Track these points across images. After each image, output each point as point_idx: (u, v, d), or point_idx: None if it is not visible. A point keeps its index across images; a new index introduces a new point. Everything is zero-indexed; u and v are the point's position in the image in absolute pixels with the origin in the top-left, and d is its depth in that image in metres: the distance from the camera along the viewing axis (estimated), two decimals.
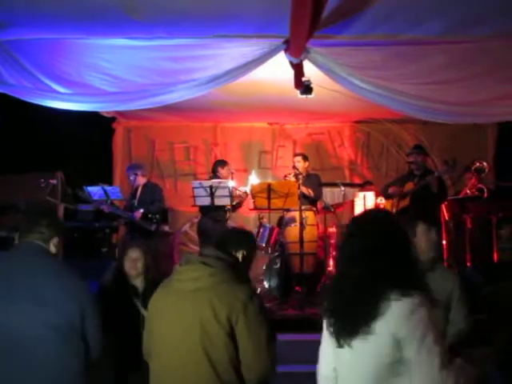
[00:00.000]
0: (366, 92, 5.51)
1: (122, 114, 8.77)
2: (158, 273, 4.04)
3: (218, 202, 6.97)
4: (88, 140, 8.51)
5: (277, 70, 6.02)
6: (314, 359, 2.41)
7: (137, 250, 4.12)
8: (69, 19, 5.06)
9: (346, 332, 2.07)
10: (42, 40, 5.59)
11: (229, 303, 2.53)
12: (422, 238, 3.45)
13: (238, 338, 2.53)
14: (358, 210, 7.71)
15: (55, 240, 3.04)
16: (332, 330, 2.14)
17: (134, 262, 4.07)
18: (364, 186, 8.24)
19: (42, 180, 7.04)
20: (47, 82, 5.83)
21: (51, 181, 7.09)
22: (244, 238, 3.13)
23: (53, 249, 3.03)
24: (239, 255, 2.97)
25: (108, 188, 7.24)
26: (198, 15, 4.90)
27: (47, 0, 4.69)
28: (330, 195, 8.32)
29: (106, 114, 8.54)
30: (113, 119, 9.14)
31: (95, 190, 7.11)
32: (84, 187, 7.09)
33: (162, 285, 2.78)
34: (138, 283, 4.09)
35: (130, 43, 5.55)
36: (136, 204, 7.30)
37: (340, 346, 2.11)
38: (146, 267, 4.07)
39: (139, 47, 5.59)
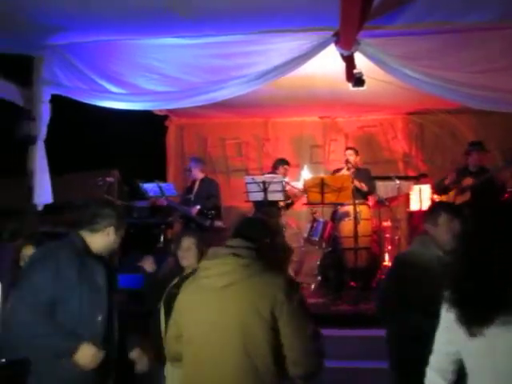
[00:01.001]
0: (419, 82, 5.39)
1: (174, 112, 8.89)
2: None
3: (271, 197, 6.96)
4: (142, 138, 8.67)
5: (327, 63, 5.96)
6: (366, 355, 2.37)
7: (189, 240, 4.05)
8: (120, 21, 5.18)
9: (481, 320, 1.91)
10: (95, 42, 5.74)
11: (270, 295, 2.41)
12: (443, 229, 3.35)
13: (283, 331, 2.41)
14: (414, 203, 7.56)
15: (111, 230, 3.13)
16: (462, 318, 1.97)
17: (186, 252, 4.00)
18: (419, 179, 8.07)
19: (100, 178, 7.20)
20: (101, 82, 5.98)
21: (108, 179, 7.25)
22: (266, 225, 2.92)
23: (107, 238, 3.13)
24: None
25: (163, 185, 7.35)
26: (245, 11, 4.91)
27: (99, 3, 4.79)
28: (383, 189, 8.18)
29: (158, 113, 8.67)
30: (165, 117, 9.27)
31: (150, 187, 7.24)
32: (140, 184, 7.23)
33: (187, 283, 2.67)
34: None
35: (180, 42, 5.62)
36: (193, 198, 7.39)
37: (472, 334, 1.94)
38: (198, 258, 3.97)
39: (189, 45, 5.65)
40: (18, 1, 4.67)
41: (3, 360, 2.01)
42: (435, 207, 3.69)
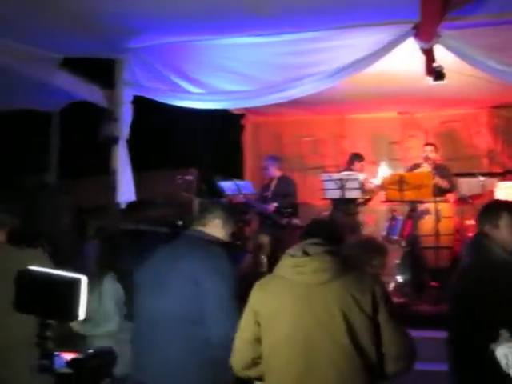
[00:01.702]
0: (506, 74, 5.16)
1: (250, 110, 8.95)
2: None
3: (348, 194, 6.89)
4: (220, 137, 8.79)
5: (406, 57, 5.81)
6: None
7: (264, 237, 4.11)
8: (197, 22, 5.26)
9: None
10: (173, 44, 5.87)
11: (369, 290, 2.39)
12: (505, 230, 3.08)
13: (384, 326, 2.38)
14: None
15: (220, 223, 3.22)
16: None
17: (262, 249, 4.06)
18: (505, 176, 7.73)
19: (179, 176, 7.35)
20: (180, 83, 6.11)
21: (187, 177, 7.38)
22: (334, 227, 2.97)
23: (218, 232, 3.22)
24: None
25: (240, 183, 7.43)
26: (322, 6, 4.87)
27: (176, 5, 4.89)
28: (466, 186, 7.88)
29: (235, 111, 8.76)
30: (242, 116, 9.35)
31: (228, 185, 7.33)
32: (218, 182, 7.33)
33: (265, 282, 2.59)
34: None
35: (256, 40, 5.64)
36: (269, 196, 7.43)
37: None
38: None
39: (265, 44, 5.67)
40: (100, 6, 4.84)
41: (91, 350, 2.09)
42: (495, 206, 3.34)
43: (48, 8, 4.76)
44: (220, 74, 6.04)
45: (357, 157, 7.67)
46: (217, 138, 8.70)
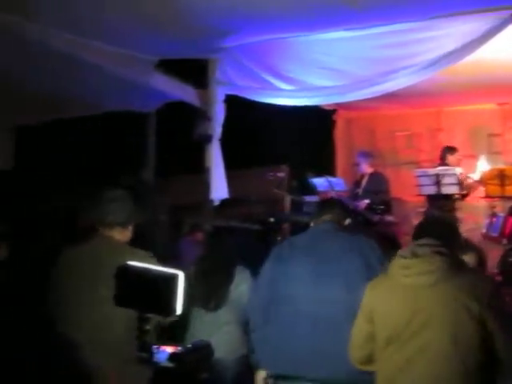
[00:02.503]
0: None
1: (342, 105, 8.85)
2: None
3: (445, 190, 6.66)
4: (311, 133, 8.75)
5: (505, 45, 5.52)
6: None
7: None
8: (288, 19, 5.25)
9: None
10: (264, 41, 5.89)
11: (480, 297, 2.32)
12: None
13: (493, 338, 2.30)
14: None
15: (347, 221, 3.31)
16: None
17: None
18: None
19: (271, 174, 7.40)
20: (271, 80, 6.14)
21: (278, 174, 7.42)
22: (447, 226, 2.86)
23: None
24: None
25: (332, 180, 7.37)
26: None
27: (266, 4, 4.91)
28: None
29: (326, 107, 8.69)
30: (333, 111, 9.26)
31: (320, 182, 7.30)
32: (309, 179, 7.32)
33: (377, 282, 2.61)
34: None
35: (348, 35, 5.56)
36: (361, 193, 7.32)
37: None
38: None
39: (357, 37, 5.57)
40: (194, 8, 4.94)
41: (190, 345, 2.13)
42: None
43: (143, 12, 4.91)
44: (312, 69, 6.01)
45: (448, 150, 7.39)
46: (308, 134, 8.66)
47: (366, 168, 7.47)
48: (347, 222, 3.29)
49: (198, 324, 3.74)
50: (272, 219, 7.07)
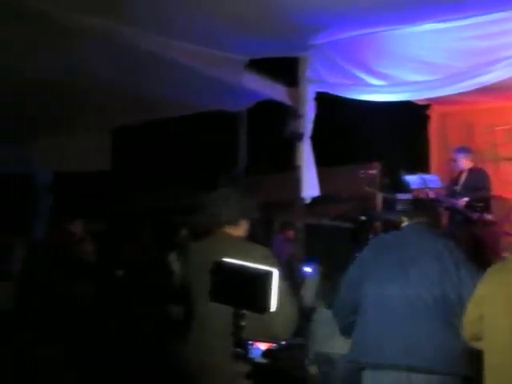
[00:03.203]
0: None
1: (436, 100, 8.54)
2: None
3: None
4: (403, 129, 8.54)
5: None
6: None
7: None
8: (377, 13, 5.16)
9: None
10: (354, 37, 5.82)
11: None
12: None
13: None
14: None
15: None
16: None
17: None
18: None
19: (362, 171, 7.30)
20: (362, 76, 6.05)
21: (370, 171, 7.30)
22: None
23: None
24: None
25: (426, 177, 7.15)
26: None
27: None
28: None
29: (419, 102, 8.43)
30: (426, 106, 8.97)
31: (413, 179, 7.10)
32: (402, 176, 7.14)
33: (496, 268, 2.74)
34: None
35: (440, 26, 5.39)
36: (459, 190, 7.03)
37: None
38: None
39: (450, 29, 5.38)
40: (284, 6, 4.95)
41: (283, 342, 2.15)
42: None
43: (234, 12, 4.98)
44: (404, 63, 5.86)
45: None
46: (400, 130, 8.46)
47: (465, 164, 7.15)
48: (436, 222, 3.39)
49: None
50: (363, 217, 6.97)
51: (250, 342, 2.15)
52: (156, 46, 5.25)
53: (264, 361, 2.11)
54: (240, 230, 3.18)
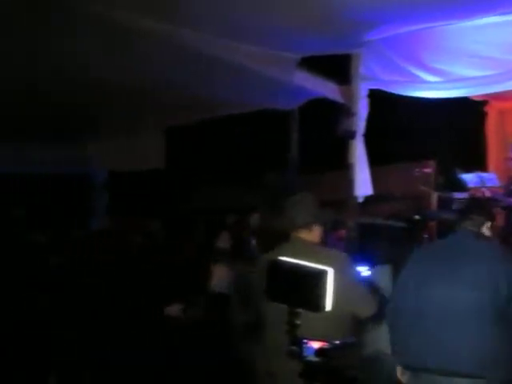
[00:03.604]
0: None
1: (494, 96, 8.30)
2: None
3: None
4: (458, 126, 8.34)
5: None
6: None
7: None
8: (433, 7, 5.05)
9: None
10: (409, 33, 5.71)
11: None
12: None
13: None
14: None
15: (488, 224, 3.22)
16: None
17: None
18: None
19: (417, 170, 7.18)
20: (417, 72, 5.94)
21: (425, 170, 7.17)
22: None
23: (486, 232, 3.22)
24: None
25: (484, 175, 6.97)
26: None
27: None
28: None
29: (476, 98, 8.22)
30: (484, 103, 8.73)
31: (470, 178, 6.94)
32: (458, 175, 6.98)
33: None
34: None
35: (500, 20, 5.23)
36: None
37: None
38: None
39: (509, 23, 5.21)
40: (336, 3, 4.92)
41: (337, 342, 2.14)
42: None
43: (286, 11, 4.97)
44: (460, 59, 5.73)
45: None
46: (456, 127, 8.26)
47: None
48: (488, 224, 3.24)
49: None
50: (417, 217, 6.84)
51: (305, 341, 2.15)
52: (210, 47, 5.31)
53: (316, 359, 2.11)
54: (313, 235, 3.22)
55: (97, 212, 9.88)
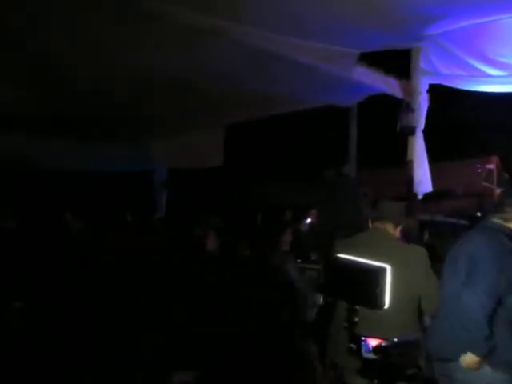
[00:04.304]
0: None
1: None
2: None
3: None
4: None
5: None
6: None
7: None
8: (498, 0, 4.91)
9: None
10: (471, 26, 5.56)
11: None
12: None
13: None
14: None
15: None
16: None
17: None
18: None
19: (479, 165, 7.01)
20: (479, 66, 5.80)
21: (488, 166, 6.99)
22: None
23: None
24: None
25: None
26: None
27: None
28: None
29: None
30: None
31: None
32: None
33: None
34: None
35: None
36: None
37: None
38: None
39: None
40: None
41: (396, 339, 2.15)
42: None
43: (346, 6, 4.94)
44: None
45: None
46: None
47: None
48: None
49: None
50: (480, 214, 6.68)
51: (363, 338, 2.17)
52: (269, 43, 5.32)
53: (374, 357, 2.13)
54: (395, 229, 3.42)
55: (157, 208, 10.10)
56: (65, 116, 7.26)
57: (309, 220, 6.79)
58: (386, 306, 2.10)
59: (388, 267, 2.09)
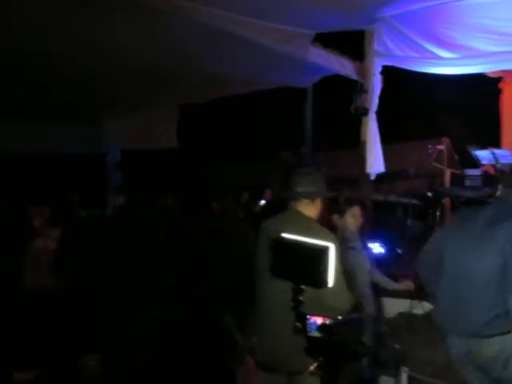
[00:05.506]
0: None
1: (509, 72, 8.17)
2: None
3: None
4: (473, 103, 8.23)
5: None
6: None
7: None
8: None
9: None
10: (424, 8, 5.62)
11: None
12: None
13: None
14: None
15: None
16: None
17: None
18: None
19: (429, 146, 7.12)
20: (432, 49, 5.87)
21: (438, 147, 7.12)
22: None
23: None
24: None
25: (497, 151, 6.90)
26: None
27: None
28: None
29: (491, 75, 8.09)
30: (498, 79, 8.59)
31: (484, 154, 6.87)
32: (472, 152, 6.92)
33: None
34: None
35: None
36: None
37: None
38: None
39: None
40: None
41: (340, 317, 2.17)
42: None
43: None
44: (477, 35, 5.63)
45: None
46: (470, 104, 8.16)
47: None
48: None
49: None
50: (431, 194, 6.83)
51: (308, 316, 2.18)
52: (225, 23, 5.25)
53: (319, 335, 2.14)
54: (312, 209, 3.22)
55: (111, 190, 9.96)
56: (13, 96, 7.02)
57: (263, 201, 6.82)
58: (330, 284, 2.11)
59: (332, 245, 2.10)
